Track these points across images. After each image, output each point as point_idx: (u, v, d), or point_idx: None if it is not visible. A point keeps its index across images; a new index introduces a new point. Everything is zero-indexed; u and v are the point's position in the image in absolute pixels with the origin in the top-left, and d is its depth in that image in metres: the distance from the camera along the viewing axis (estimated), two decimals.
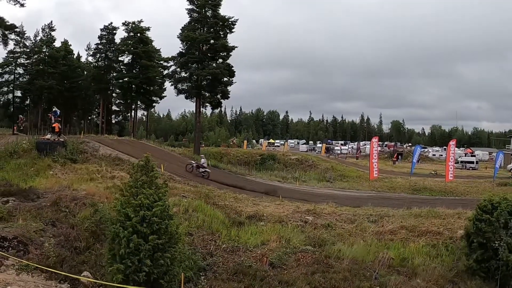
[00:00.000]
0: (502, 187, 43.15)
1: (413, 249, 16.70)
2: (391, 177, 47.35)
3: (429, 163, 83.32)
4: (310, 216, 20.59)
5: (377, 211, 22.39)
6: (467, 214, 18.93)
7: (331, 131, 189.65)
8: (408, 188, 39.11)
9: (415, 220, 20.52)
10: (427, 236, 18.29)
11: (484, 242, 14.54)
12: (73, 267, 13.22)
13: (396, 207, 24.09)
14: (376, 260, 15.52)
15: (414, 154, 51.68)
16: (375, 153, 42.18)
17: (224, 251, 15.85)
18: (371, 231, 18.79)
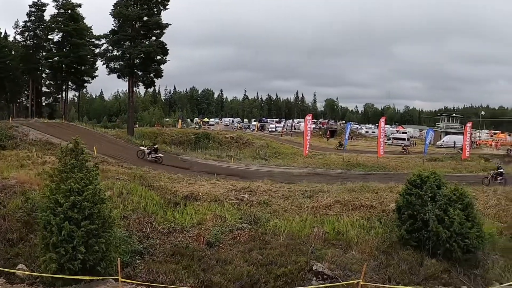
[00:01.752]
0: (432, 162, 45.09)
1: (347, 223, 17.39)
2: (325, 154, 48.32)
3: (362, 139, 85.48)
4: (246, 194, 20.83)
5: (312, 187, 22.97)
6: (398, 188, 19.84)
7: (266, 109, 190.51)
8: (342, 164, 40.06)
9: (349, 194, 21.28)
10: (360, 210, 19.08)
11: (414, 214, 15.41)
12: (7, 261, 12.96)
13: (331, 182, 24.70)
14: (312, 234, 15.99)
15: (346, 131, 53.12)
16: (309, 130, 42.79)
17: (160, 232, 15.76)
18: (306, 207, 19.31)
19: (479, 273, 15.25)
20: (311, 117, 47.27)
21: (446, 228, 14.84)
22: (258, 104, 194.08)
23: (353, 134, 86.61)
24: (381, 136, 44.95)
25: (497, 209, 21.30)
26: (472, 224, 15.46)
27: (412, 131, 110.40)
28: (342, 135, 60.21)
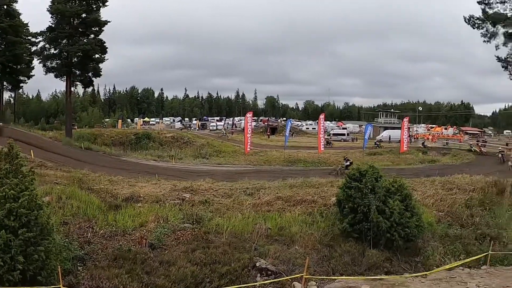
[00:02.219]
0: (371, 156, 46.27)
1: (289, 218, 17.59)
2: (267, 151, 48.64)
3: (303, 136, 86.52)
4: (187, 194, 20.68)
5: (253, 184, 23.07)
6: (338, 182, 20.10)
7: (207, 107, 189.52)
8: (283, 161, 40.52)
9: (291, 190, 21.52)
10: (302, 205, 19.31)
11: (355, 206, 15.70)
12: None
13: (272, 179, 24.88)
14: (255, 231, 16.05)
15: (286, 128, 53.69)
16: (249, 128, 42.97)
17: (102, 237, 15.38)
18: (248, 204, 19.39)
19: (420, 260, 15.80)
20: (252, 115, 47.52)
21: (386, 218, 15.24)
22: (199, 102, 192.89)
23: (294, 131, 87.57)
24: (321, 132, 45.66)
25: (435, 199, 22.03)
26: (411, 214, 16.02)
27: (351, 126, 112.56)
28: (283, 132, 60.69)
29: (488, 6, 25.29)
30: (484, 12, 25.26)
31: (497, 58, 26.29)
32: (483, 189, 24.30)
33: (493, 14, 24.81)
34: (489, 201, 22.46)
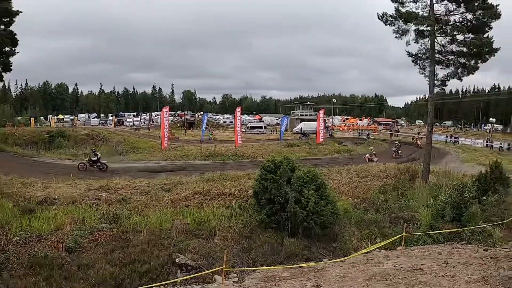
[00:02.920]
0: (288, 147, 47.06)
1: (208, 212, 17.56)
2: (184, 145, 48.28)
3: (221, 129, 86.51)
4: (104, 193, 20.14)
5: (171, 180, 22.87)
6: (255, 174, 20.20)
7: (123, 103, 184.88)
8: (201, 155, 40.38)
9: (208, 184, 21.53)
10: (220, 198, 19.37)
11: (271, 198, 15.96)
12: None
13: (190, 174, 24.80)
14: (173, 227, 15.90)
15: (203, 122, 53.54)
16: (166, 123, 42.47)
17: (16, 244, 14.57)
18: (166, 200, 19.21)
19: (338, 245, 16.34)
20: (168, 110, 46.86)
21: (302, 208, 15.60)
22: (115, 98, 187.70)
23: (211, 125, 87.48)
24: (238, 126, 45.90)
25: (350, 186, 22.86)
26: (326, 202, 16.50)
27: (269, 119, 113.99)
28: (201, 126, 60.45)
29: (401, 5, 26.38)
30: (397, 10, 26.33)
31: (408, 53, 27.48)
32: (396, 175, 25.51)
33: (405, 12, 25.94)
34: (402, 186, 23.71)
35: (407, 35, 26.42)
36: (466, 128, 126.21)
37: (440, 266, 10.87)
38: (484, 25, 25.47)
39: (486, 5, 24.81)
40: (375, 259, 13.10)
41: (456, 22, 26.02)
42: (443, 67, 27.28)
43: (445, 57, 27.05)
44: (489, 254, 12.03)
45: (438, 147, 51.56)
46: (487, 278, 8.52)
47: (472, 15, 25.43)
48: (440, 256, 12.58)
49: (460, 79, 27.09)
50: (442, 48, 26.86)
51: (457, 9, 25.78)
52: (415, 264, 11.57)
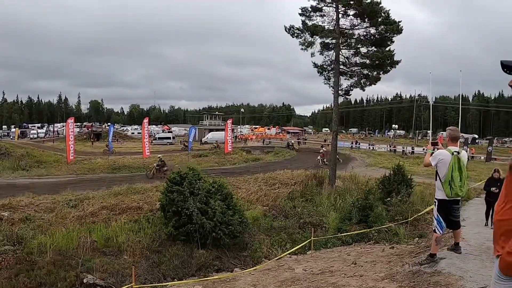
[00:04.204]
0: (197, 158, 46.82)
1: (116, 228, 16.88)
2: (91, 158, 46.70)
3: (129, 141, 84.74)
4: (6, 212, 18.88)
5: (76, 195, 21.94)
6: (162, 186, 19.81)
7: (27, 113, 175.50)
8: (108, 168, 39.12)
9: (116, 198, 20.90)
10: (128, 212, 18.81)
11: (178, 210, 15.71)
12: None
13: (96, 188, 23.96)
14: (80, 246, 15.17)
15: (109, 133, 52.20)
16: (72, 135, 40.90)
17: None
18: (72, 217, 18.32)
19: (248, 254, 16.27)
20: (74, 120, 45.12)
21: (209, 219, 15.46)
22: (18, 108, 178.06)
23: (119, 136, 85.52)
24: (146, 137, 45.10)
25: (259, 195, 22.97)
26: (234, 211, 16.53)
27: (177, 130, 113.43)
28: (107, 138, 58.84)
29: (308, 18, 27.21)
30: (304, 23, 27.12)
31: (314, 64, 28.39)
32: (303, 182, 26.03)
33: (312, 26, 26.76)
34: (310, 192, 24.22)
35: (313, 47, 27.27)
36: (371, 134, 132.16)
37: (349, 267, 11.15)
38: (386, 39, 26.98)
39: (389, 20, 26.36)
40: (285, 265, 13.24)
41: (360, 36, 27.35)
42: (347, 78, 28.57)
43: (349, 68, 28.27)
44: (395, 251, 12.52)
45: (344, 153, 53.43)
46: (393, 274, 8.80)
47: (375, 30, 26.84)
48: (348, 257, 12.92)
49: (363, 89, 28.47)
50: (346, 60, 28.05)
51: (361, 23, 27.10)
52: (325, 266, 11.80)
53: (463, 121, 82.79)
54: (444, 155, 8.13)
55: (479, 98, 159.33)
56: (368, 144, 76.81)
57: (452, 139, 8.35)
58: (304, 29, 27.07)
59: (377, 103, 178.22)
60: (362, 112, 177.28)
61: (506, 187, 2.89)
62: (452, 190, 8.05)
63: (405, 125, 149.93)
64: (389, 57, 26.64)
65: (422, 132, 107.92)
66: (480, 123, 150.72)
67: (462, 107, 31.02)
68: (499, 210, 2.88)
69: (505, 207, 2.82)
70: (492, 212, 15.93)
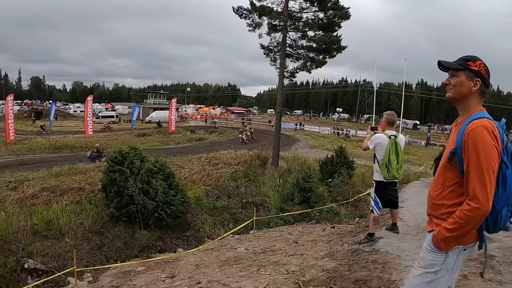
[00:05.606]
0: (140, 137, 46.24)
1: (57, 210, 16.44)
2: (31, 138, 45.32)
3: (71, 119, 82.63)
4: None
5: (16, 177, 21.18)
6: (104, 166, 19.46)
7: None
8: (49, 148, 38.14)
9: (56, 179, 20.34)
10: (69, 194, 18.35)
11: (120, 190, 15.49)
12: None
13: (37, 169, 23.28)
14: (20, 229, 14.72)
15: (51, 111, 50.78)
16: (11, 113, 39.50)
17: None
18: (12, 200, 17.70)
19: (191, 234, 16.25)
20: (13, 98, 43.46)
21: (151, 199, 15.32)
22: None
23: (61, 114, 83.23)
24: (89, 115, 44.12)
25: (202, 174, 22.89)
26: (176, 191, 16.38)
27: (121, 108, 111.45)
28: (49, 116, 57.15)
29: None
30: (252, 4, 26.94)
31: (261, 45, 28.35)
32: (247, 162, 26.14)
33: (260, 6, 26.61)
34: (253, 173, 24.34)
35: (260, 28, 27.21)
36: (315, 116, 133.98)
37: (290, 246, 11.35)
38: (334, 24, 27.27)
39: (337, 6, 26.55)
40: (228, 245, 13.36)
41: (308, 19, 27.43)
42: (293, 60, 28.77)
43: (295, 51, 28.44)
44: (335, 231, 12.82)
45: (288, 134, 53.96)
46: (333, 253, 9.04)
47: (324, 14, 26.97)
48: (290, 237, 13.14)
49: (309, 71, 28.67)
50: (293, 43, 28.19)
51: (310, 7, 27.22)
52: (267, 245, 11.96)
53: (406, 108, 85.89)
54: (381, 139, 8.37)
55: (422, 86, 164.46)
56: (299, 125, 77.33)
57: (389, 123, 8.59)
58: (252, 10, 26.97)
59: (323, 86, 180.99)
60: (307, 95, 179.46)
61: (442, 174, 3.35)
62: (389, 173, 8.31)
63: (349, 109, 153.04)
64: (336, 42, 26.96)
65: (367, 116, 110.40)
66: (422, 110, 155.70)
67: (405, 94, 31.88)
68: (435, 195, 3.37)
69: (442, 193, 3.30)
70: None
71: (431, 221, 3.40)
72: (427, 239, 3.36)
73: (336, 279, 7.11)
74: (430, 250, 3.30)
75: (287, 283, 7.41)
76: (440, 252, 3.24)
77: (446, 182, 3.29)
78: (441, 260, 3.25)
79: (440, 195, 3.32)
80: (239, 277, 8.51)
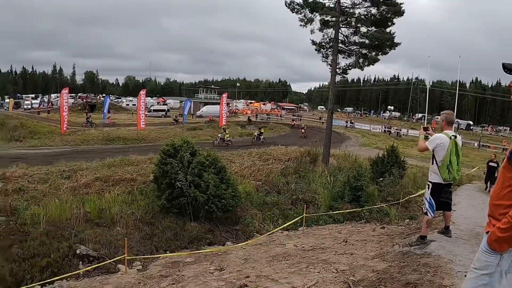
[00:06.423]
0: (191, 131, 46.72)
1: (109, 199, 16.88)
2: (85, 129, 46.59)
3: (124, 113, 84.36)
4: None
5: (70, 166, 21.84)
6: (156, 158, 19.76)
7: (21, 84, 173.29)
8: (102, 139, 39.12)
9: (109, 170, 20.87)
10: (121, 184, 18.82)
11: (171, 182, 15.67)
12: None
13: (90, 159, 23.90)
14: (73, 217, 15.14)
15: (105, 104, 51.89)
16: (66, 106, 40.62)
17: None
18: (66, 188, 18.29)
19: (240, 228, 16.38)
20: (68, 91, 44.73)
21: (202, 192, 15.45)
22: (12, 78, 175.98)
23: (113, 108, 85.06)
24: (141, 109, 44.93)
25: (252, 169, 23.07)
26: (227, 185, 16.52)
27: (172, 102, 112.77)
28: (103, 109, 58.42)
29: None
30: None
31: (312, 41, 28.14)
32: (297, 158, 26.06)
33: (312, 2, 26.43)
34: (303, 169, 24.22)
35: (312, 24, 26.99)
36: (366, 114, 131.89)
37: (339, 245, 11.21)
38: (387, 20, 26.68)
39: (390, 1, 25.96)
40: (277, 240, 13.33)
41: (360, 15, 26.96)
42: (345, 57, 28.41)
43: (347, 47, 28.06)
44: (385, 231, 12.58)
45: (338, 132, 53.53)
46: (383, 254, 8.86)
47: (376, 10, 26.46)
48: (339, 235, 12.99)
49: (361, 68, 28.31)
50: (345, 39, 27.85)
51: (362, 2, 26.80)
52: (316, 243, 11.86)
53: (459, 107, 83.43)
54: (442, 139, 8.08)
55: (476, 85, 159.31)
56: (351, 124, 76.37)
57: (448, 123, 8.31)
58: (304, 5, 26.76)
59: (374, 84, 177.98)
60: (358, 92, 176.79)
61: (502, 175, 3.25)
62: (450, 174, 8.04)
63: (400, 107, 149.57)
64: (389, 39, 26.44)
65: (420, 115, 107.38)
66: (475, 110, 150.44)
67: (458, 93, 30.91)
68: (495, 196, 3.28)
69: (500, 193, 3.20)
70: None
71: (490, 222, 3.32)
72: (483, 240, 3.30)
73: (386, 280, 6.96)
74: (485, 251, 3.23)
75: (336, 282, 7.31)
76: (495, 254, 3.17)
77: (505, 182, 3.21)
78: (495, 262, 3.18)
79: (499, 195, 3.24)
80: (288, 273, 8.45)
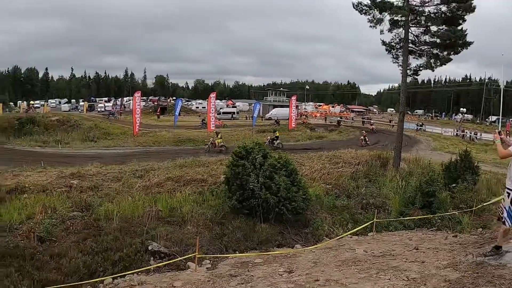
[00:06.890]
0: (260, 133, 46.99)
1: (180, 198, 17.33)
2: (156, 131, 47.81)
3: (193, 115, 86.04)
4: (75, 180, 19.66)
5: (142, 166, 22.56)
6: (227, 160, 20.01)
7: (95, 88, 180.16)
8: (173, 141, 40.10)
9: (180, 170, 21.36)
10: (192, 184, 19.22)
11: (242, 184, 15.86)
12: None
13: (161, 160, 24.55)
14: (145, 214, 15.61)
15: (176, 107, 53.10)
16: (138, 108, 41.94)
17: None
18: (138, 187, 18.89)
19: (310, 231, 16.37)
20: (140, 94, 46.22)
21: (273, 194, 15.55)
22: (86, 83, 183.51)
23: (184, 110, 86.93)
24: (211, 111, 45.72)
25: (322, 173, 22.95)
26: (298, 188, 16.54)
27: (241, 105, 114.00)
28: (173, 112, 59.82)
29: None
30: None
31: (382, 42, 27.63)
32: (367, 162, 25.67)
33: (380, 2, 26.00)
34: (374, 173, 23.85)
35: (382, 24, 26.50)
36: (437, 116, 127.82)
37: (410, 252, 10.99)
38: (458, 18, 25.67)
39: None
40: (346, 245, 13.21)
41: (430, 13, 26.14)
42: (416, 57, 27.55)
43: (418, 47, 27.27)
44: (458, 240, 12.19)
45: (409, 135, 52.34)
46: (456, 263, 8.62)
47: (446, 7, 25.59)
48: (410, 242, 12.73)
49: (432, 69, 27.31)
50: (416, 38, 27.08)
51: (432, 0, 25.90)
52: (386, 249, 11.67)
53: None
54: None
55: None
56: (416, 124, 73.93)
57: None
58: (372, 6, 26.30)
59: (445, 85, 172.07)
60: (428, 93, 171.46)
61: None
62: None
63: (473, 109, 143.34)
64: (461, 37, 25.52)
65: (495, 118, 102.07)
66: None
67: None
68: None
69: None
70: None
71: None
72: None
73: None
74: None
75: None
76: None
77: None
78: None
79: None
80: (358, 279, 8.42)
